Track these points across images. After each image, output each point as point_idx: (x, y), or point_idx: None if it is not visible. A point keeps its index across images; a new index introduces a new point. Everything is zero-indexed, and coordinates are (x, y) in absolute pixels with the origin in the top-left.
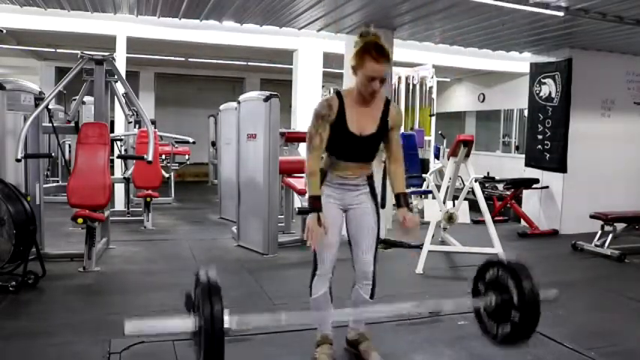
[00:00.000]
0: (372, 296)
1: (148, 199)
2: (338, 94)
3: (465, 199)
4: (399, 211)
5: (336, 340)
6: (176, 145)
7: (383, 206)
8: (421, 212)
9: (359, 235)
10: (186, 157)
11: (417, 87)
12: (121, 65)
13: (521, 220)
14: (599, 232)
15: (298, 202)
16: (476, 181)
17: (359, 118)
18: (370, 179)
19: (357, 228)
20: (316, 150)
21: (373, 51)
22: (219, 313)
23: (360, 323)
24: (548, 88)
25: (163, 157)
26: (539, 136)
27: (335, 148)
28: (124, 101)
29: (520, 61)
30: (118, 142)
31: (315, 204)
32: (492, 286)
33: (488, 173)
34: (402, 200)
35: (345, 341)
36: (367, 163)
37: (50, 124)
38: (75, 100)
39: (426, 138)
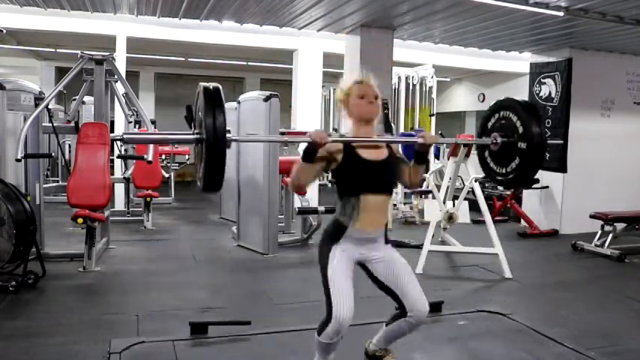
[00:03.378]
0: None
1: (148, 199)
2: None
3: (465, 199)
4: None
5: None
6: (176, 145)
7: None
8: (421, 212)
9: (397, 272)
10: (186, 157)
11: (417, 87)
12: (121, 65)
13: (521, 220)
14: (599, 232)
15: (298, 202)
16: (476, 181)
17: (370, 152)
18: (386, 231)
19: (389, 269)
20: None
21: (356, 80)
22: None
23: (390, 343)
24: (548, 88)
25: (163, 157)
26: None
27: (351, 182)
28: (124, 101)
29: (520, 61)
30: (118, 142)
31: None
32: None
33: None
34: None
35: (364, 353)
36: (387, 195)
37: (50, 124)
38: (75, 100)
39: None
